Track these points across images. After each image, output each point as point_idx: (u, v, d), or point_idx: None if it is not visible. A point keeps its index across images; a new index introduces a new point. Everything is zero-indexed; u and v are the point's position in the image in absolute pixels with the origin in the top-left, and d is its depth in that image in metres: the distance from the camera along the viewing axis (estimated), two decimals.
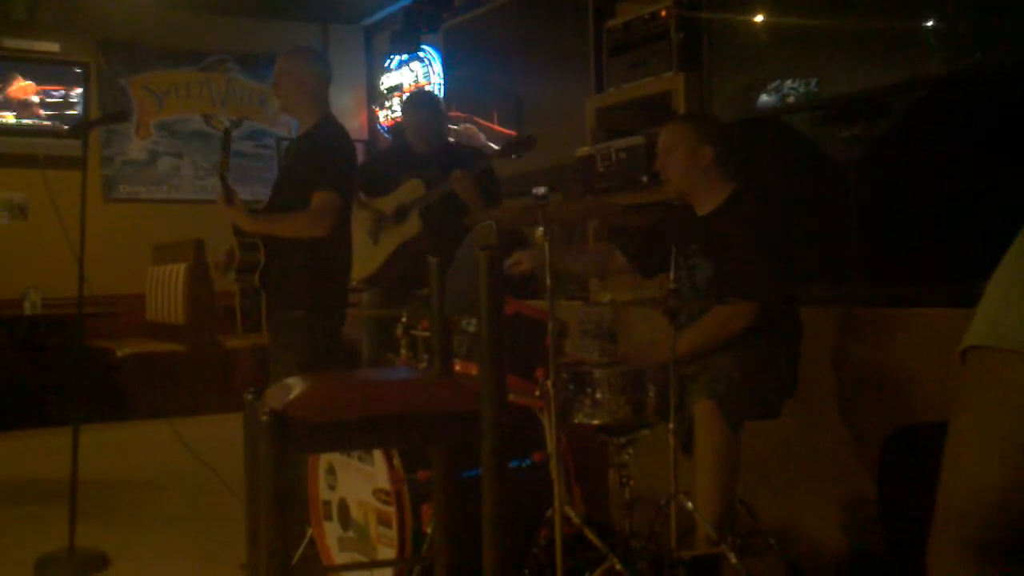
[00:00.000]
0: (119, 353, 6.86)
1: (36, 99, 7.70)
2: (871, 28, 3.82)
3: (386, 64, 8.16)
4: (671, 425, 2.80)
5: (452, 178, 4.25)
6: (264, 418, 1.88)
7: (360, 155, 7.19)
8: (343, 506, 3.15)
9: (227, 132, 3.96)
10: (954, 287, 3.21)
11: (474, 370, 2.80)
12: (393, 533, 2.84)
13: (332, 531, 3.23)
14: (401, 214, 4.46)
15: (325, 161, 3.70)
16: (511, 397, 2.76)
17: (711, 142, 3.21)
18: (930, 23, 3.61)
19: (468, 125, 6.75)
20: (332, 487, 3.20)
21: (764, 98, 4.29)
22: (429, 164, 4.46)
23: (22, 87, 7.66)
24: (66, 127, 7.12)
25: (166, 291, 7.36)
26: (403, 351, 3.31)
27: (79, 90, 7.78)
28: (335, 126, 3.85)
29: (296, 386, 1.99)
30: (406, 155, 4.68)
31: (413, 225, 4.39)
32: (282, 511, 1.93)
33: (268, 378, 3.91)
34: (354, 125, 8.28)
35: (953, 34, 3.55)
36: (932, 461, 1.16)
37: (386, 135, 8.30)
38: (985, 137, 3.36)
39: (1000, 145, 3.30)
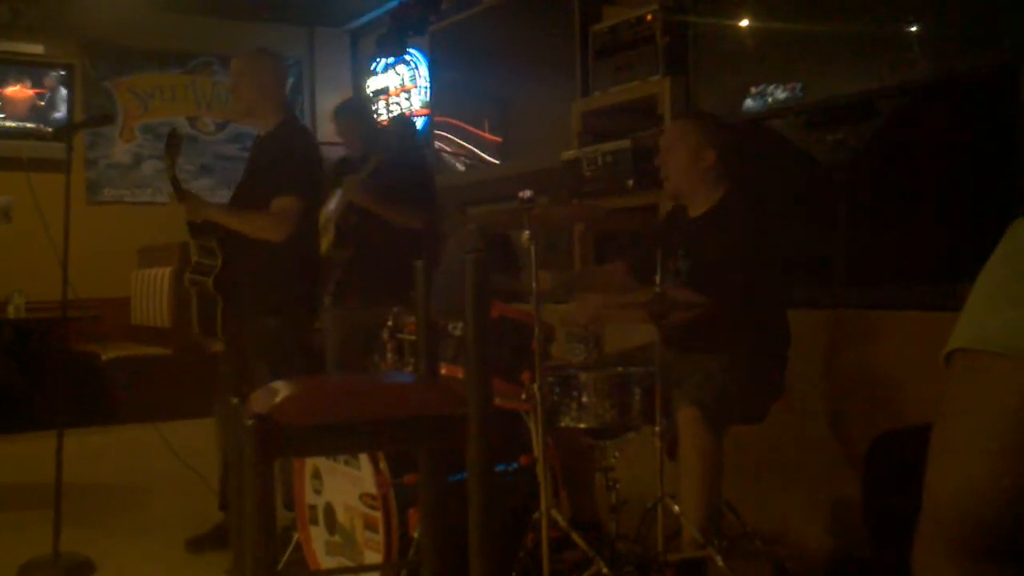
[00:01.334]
0: (104, 357, 6.83)
1: (20, 101, 7.65)
2: (856, 33, 3.83)
3: (372, 67, 8.15)
4: (656, 428, 2.80)
5: (343, 187, 4.23)
6: (249, 423, 1.87)
7: None
8: (329, 510, 3.14)
9: (172, 134, 3.92)
10: (940, 290, 3.22)
11: (460, 374, 2.81)
12: (380, 537, 2.83)
13: (318, 535, 3.21)
14: (327, 225, 4.44)
15: (286, 166, 3.68)
16: (497, 401, 2.76)
17: (714, 145, 3.19)
18: (914, 28, 3.63)
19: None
20: (318, 491, 3.19)
21: (749, 103, 4.29)
22: (358, 170, 4.39)
23: (6, 89, 7.61)
24: (51, 129, 7.09)
25: (151, 294, 7.33)
26: (389, 355, 3.30)
27: (64, 92, 7.74)
28: (298, 127, 3.84)
29: (281, 390, 1.98)
30: (349, 163, 4.69)
31: (329, 237, 4.37)
32: (267, 516, 1.92)
33: (218, 382, 3.89)
34: None
35: (937, 39, 3.56)
36: (918, 464, 1.16)
37: None
38: (969, 141, 3.38)
39: (984, 148, 3.32)
